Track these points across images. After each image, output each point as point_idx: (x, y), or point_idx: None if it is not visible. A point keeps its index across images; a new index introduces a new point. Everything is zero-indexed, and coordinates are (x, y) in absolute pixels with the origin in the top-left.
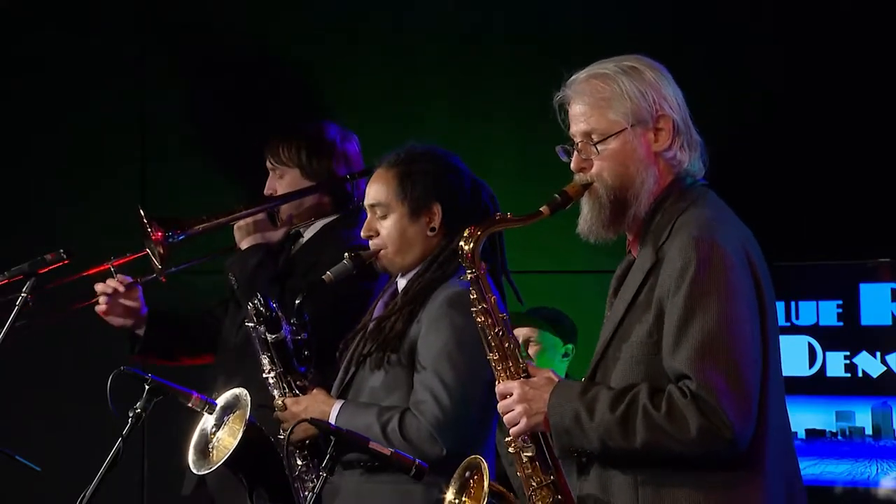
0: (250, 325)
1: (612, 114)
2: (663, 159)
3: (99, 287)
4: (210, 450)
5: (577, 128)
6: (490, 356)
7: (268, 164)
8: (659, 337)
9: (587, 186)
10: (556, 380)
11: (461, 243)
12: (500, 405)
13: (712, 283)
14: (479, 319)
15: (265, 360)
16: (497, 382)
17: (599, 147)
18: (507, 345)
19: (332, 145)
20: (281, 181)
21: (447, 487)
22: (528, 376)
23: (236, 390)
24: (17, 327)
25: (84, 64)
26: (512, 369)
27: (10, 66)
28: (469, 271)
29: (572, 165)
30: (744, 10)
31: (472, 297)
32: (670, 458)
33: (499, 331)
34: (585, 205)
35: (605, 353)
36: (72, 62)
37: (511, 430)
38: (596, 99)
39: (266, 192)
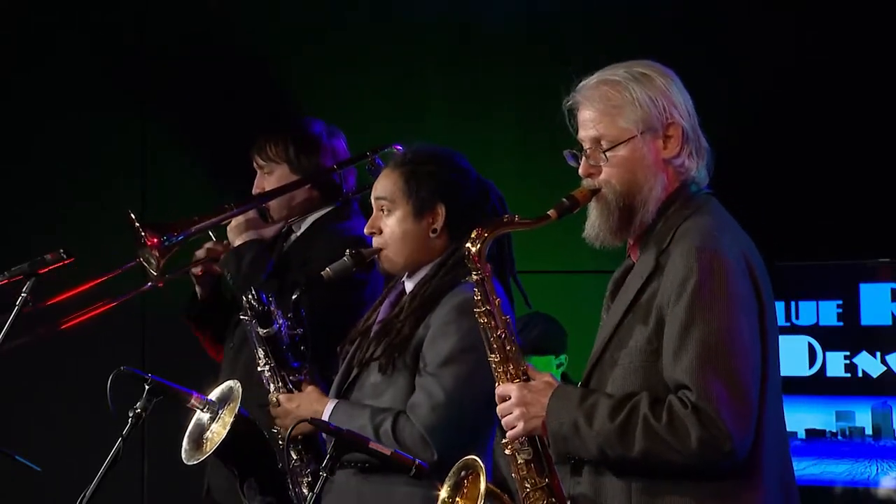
0: (244, 318)
1: (623, 121)
2: (672, 166)
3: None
4: (203, 441)
5: (586, 133)
6: (491, 358)
7: (255, 162)
8: (658, 345)
9: (596, 192)
10: (555, 384)
11: (468, 244)
12: (499, 408)
13: (713, 293)
14: (482, 321)
15: (260, 355)
16: (497, 384)
17: (609, 154)
18: (508, 347)
19: (319, 140)
20: (269, 178)
21: (441, 486)
22: (528, 379)
23: (230, 382)
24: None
25: (84, 64)
26: (512, 372)
27: (9, 66)
28: (475, 273)
29: (580, 171)
30: (742, 8)
31: (476, 298)
32: (668, 468)
33: (501, 333)
34: (594, 210)
35: (601, 358)
36: (72, 62)
37: (508, 434)
38: (606, 106)
39: (254, 191)
